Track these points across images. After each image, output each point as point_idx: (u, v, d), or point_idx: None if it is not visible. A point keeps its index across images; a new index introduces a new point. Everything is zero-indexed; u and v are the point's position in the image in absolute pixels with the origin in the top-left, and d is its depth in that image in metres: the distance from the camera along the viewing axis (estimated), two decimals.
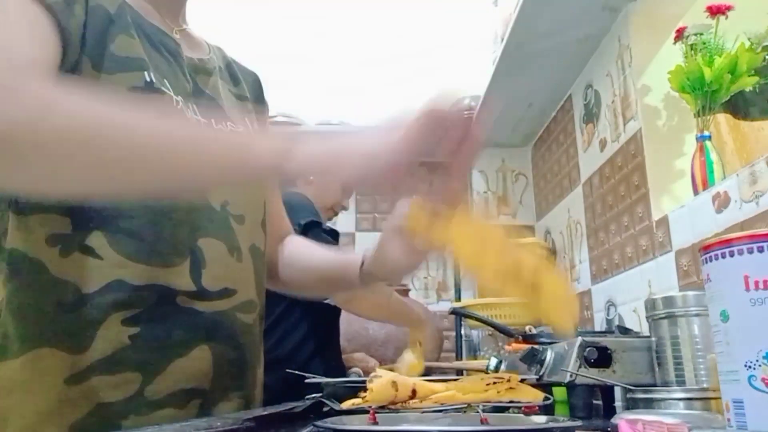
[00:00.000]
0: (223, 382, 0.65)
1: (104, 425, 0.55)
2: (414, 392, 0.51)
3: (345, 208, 1.78)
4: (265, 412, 0.56)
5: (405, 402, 0.51)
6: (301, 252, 0.88)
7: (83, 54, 0.57)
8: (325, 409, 0.73)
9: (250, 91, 0.83)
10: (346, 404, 0.52)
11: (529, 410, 0.55)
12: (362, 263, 0.75)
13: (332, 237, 1.45)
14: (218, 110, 0.71)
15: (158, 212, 0.59)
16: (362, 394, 0.51)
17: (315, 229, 1.41)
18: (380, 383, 0.51)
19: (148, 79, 0.61)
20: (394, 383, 0.51)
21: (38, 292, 0.56)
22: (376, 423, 0.53)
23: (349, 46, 2.53)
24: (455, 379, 0.56)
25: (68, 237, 0.58)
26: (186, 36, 0.73)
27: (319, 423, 0.48)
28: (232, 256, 0.68)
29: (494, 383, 0.52)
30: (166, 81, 0.64)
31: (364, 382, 0.53)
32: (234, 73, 0.81)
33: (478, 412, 0.55)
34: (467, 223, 0.52)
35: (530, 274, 0.51)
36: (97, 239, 0.58)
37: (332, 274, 0.81)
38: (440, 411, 0.60)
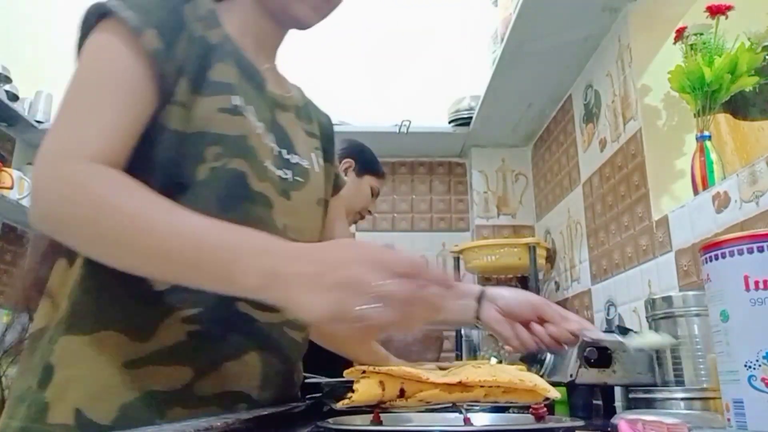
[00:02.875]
0: (271, 392, 0.67)
1: (150, 411, 0.58)
2: (402, 391, 0.51)
3: (371, 213, 1.78)
4: (265, 412, 0.56)
5: (392, 401, 0.51)
6: None
7: (184, 77, 0.64)
8: (325, 409, 0.73)
9: (321, 131, 0.88)
10: (339, 404, 0.52)
11: (537, 411, 0.54)
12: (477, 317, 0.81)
13: None
14: (288, 143, 0.77)
15: (232, 220, 0.59)
16: (349, 394, 0.51)
17: None
18: (366, 383, 0.51)
19: (235, 104, 0.67)
20: (381, 383, 0.51)
21: (117, 281, 0.59)
22: (380, 423, 0.53)
23: (349, 46, 2.53)
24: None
25: None
26: (272, 73, 0.80)
27: (322, 423, 0.48)
28: None
29: (490, 387, 0.52)
30: (251, 108, 0.70)
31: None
32: (308, 112, 0.87)
33: (462, 412, 0.55)
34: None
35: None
36: None
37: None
38: (428, 411, 0.59)
